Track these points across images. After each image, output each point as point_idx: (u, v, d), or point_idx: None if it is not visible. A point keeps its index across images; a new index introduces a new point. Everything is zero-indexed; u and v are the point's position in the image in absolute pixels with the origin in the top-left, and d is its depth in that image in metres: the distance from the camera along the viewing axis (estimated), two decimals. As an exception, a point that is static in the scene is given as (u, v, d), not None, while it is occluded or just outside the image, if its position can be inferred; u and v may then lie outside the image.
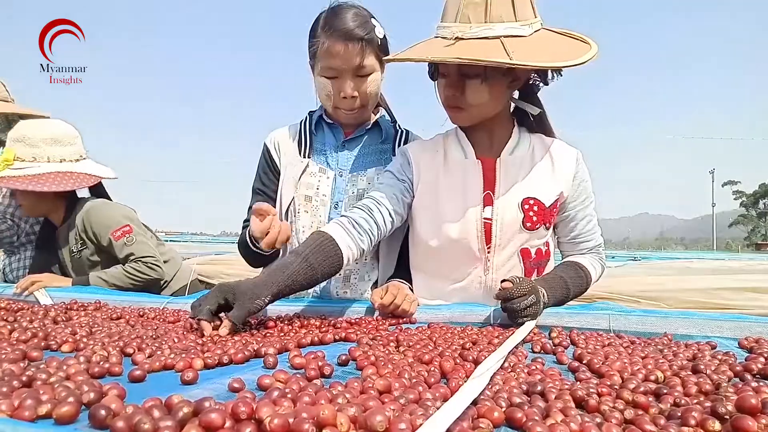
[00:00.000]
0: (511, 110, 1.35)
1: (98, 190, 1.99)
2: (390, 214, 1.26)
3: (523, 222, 1.23)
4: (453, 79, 1.20)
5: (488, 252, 1.25)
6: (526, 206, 1.23)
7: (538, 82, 1.30)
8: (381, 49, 1.38)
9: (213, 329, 0.93)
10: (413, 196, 1.31)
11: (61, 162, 1.79)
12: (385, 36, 1.39)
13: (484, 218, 1.24)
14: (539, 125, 1.34)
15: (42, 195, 1.80)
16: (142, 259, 1.82)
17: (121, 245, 1.82)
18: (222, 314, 0.97)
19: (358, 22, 1.32)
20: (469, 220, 1.24)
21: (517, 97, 1.33)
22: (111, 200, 2.00)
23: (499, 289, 1.11)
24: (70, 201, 1.90)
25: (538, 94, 1.33)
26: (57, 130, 1.81)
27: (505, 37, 1.10)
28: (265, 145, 1.55)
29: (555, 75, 1.25)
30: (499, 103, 1.24)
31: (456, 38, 1.12)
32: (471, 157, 1.29)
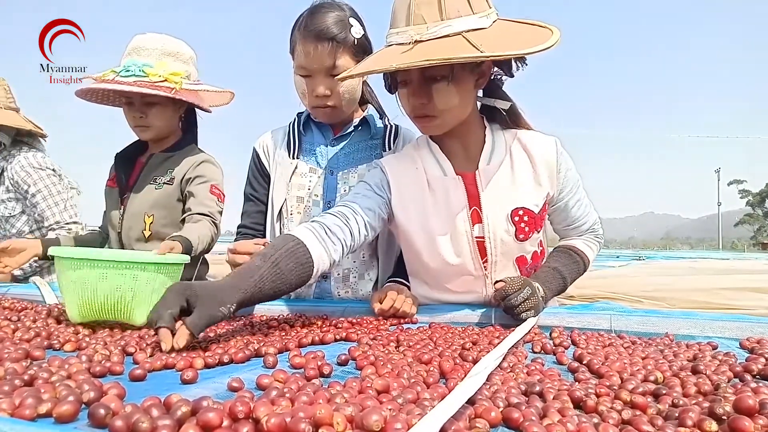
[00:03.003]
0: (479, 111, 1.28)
1: (194, 120, 1.87)
2: (365, 226, 1.18)
3: (515, 234, 1.20)
4: (417, 85, 1.12)
5: (485, 269, 1.22)
6: (516, 218, 1.19)
7: (500, 76, 1.25)
8: (358, 49, 1.36)
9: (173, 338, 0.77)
10: (390, 213, 1.26)
11: (198, 82, 1.74)
12: (364, 36, 1.37)
13: (476, 237, 1.21)
14: (512, 119, 1.28)
15: (173, 116, 1.73)
16: (211, 220, 1.64)
17: (212, 198, 1.66)
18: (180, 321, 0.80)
19: (331, 21, 1.31)
20: (462, 243, 1.20)
21: (481, 96, 1.28)
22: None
23: (494, 291, 1.11)
24: (184, 136, 1.82)
25: (503, 88, 1.28)
26: (189, 50, 1.73)
27: (465, 31, 1.04)
28: (254, 149, 1.55)
29: (520, 65, 1.20)
30: (468, 104, 1.18)
31: (414, 41, 1.04)
32: (450, 174, 1.22)
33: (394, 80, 1.18)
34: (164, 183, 1.70)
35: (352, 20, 1.34)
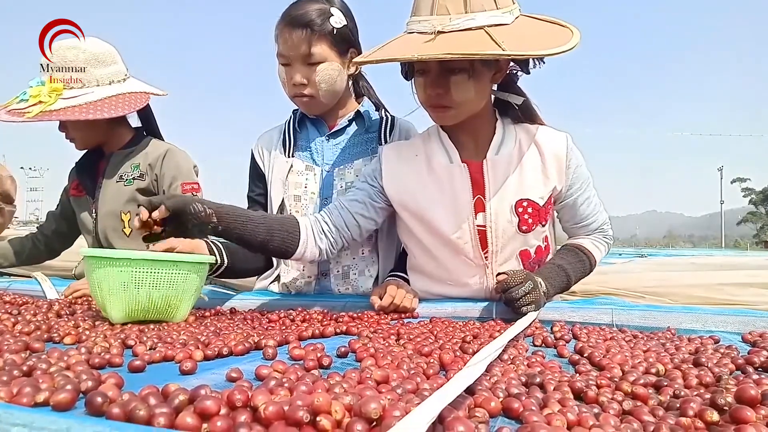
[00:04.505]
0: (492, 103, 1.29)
1: (147, 114, 1.82)
2: (354, 218, 1.23)
3: (518, 226, 1.20)
4: (435, 76, 1.13)
5: (486, 259, 1.22)
6: (520, 209, 1.19)
7: (516, 71, 1.26)
8: (337, 39, 1.35)
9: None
10: (387, 201, 1.27)
11: (110, 84, 1.61)
12: (346, 27, 1.36)
13: (478, 226, 1.20)
14: (525, 114, 1.28)
15: (94, 124, 1.60)
16: None
17: None
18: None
19: (309, 9, 1.31)
20: (463, 230, 1.20)
21: (496, 89, 1.28)
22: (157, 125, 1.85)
23: (496, 283, 1.12)
24: (136, 131, 1.76)
25: (517, 83, 1.28)
26: (96, 48, 1.60)
27: (488, 26, 1.05)
28: (251, 151, 1.55)
29: (537, 63, 1.20)
30: (484, 97, 1.19)
31: (436, 32, 1.05)
32: (456, 161, 1.23)
33: (411, 68, 1.19)
34: (134, 178, 1.68)
35: (333, 10, 1.34)
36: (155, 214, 0.93)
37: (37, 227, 1.96)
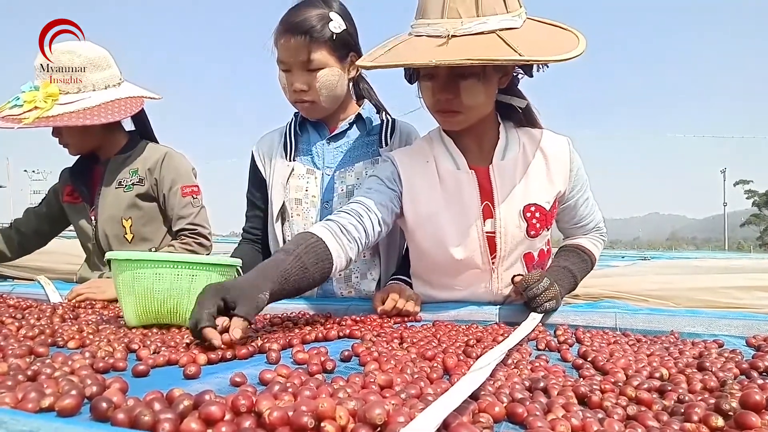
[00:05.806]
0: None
1: (142, 118, 1.78)
2: (379, 222, 1.17)
3: (527, 231, 1.20)
4: (444, 80, 1.11)
5: (493, 264, 1.22)
6: (528, 214, 1.19)
7: (518, 75, 1.25)
8: (337, 44, 1.34)
9: (222, 334, 0.77)
10: (401, 207, 1.25)
11: (106, 89, 1.60)
12: (346, 31, 1.35)
13: (487, 232, 1.20)
14: (527, 117, 1.28)
15: (89, 130, 1.59)
16: (194, 232, 1.66)
17: (186, 202, 1.66)
18: (222, 319, 0.79)
19: (308, 15, 1.30)
20: (472, 237, 1.20)
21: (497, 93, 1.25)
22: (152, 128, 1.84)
23: (514, 285, 1.14)
24: (131, 135, 1.75)
25: (518, 86, 1.28)
26: (92, 53, 1.58)
27: (500, 30, 1.04)
28: (252, 153, 1.55)
29: (541, 67, 1.19)
30: (491, 101, 1.18)
31: (449, 36, 1.02)
32: (464, 168, 1.21)
33: (416, 71, 1.18)
34: (133, 184, 1.67)
35: (332, 15, 1.33)
36: (237, 333, 0.77)
37: (11, 223, 1.91)
